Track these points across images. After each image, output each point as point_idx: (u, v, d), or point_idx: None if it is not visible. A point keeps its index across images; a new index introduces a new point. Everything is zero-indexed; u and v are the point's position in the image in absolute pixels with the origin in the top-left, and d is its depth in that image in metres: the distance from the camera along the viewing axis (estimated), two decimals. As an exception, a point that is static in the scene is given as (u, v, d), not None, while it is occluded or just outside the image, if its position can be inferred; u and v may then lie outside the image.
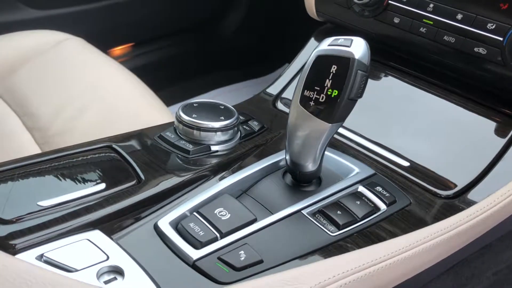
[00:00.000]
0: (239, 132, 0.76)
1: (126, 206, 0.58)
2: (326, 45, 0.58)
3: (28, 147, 1.03)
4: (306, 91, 0.59)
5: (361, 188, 0.68)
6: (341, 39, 0.57)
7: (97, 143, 0.68)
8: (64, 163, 0.63)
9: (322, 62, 0.57)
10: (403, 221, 0.65)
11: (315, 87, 0.58)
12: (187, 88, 1.83)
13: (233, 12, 1.88)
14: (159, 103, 1.08)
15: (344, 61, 0.56)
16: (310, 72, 0.59)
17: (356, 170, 0.71)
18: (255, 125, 0.79)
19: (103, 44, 1.48)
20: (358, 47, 0.57)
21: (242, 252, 0.56)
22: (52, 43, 1.23)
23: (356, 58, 0.56)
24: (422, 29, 0.79)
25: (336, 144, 0.78)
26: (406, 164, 0.74)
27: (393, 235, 0.62)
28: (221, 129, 0.71)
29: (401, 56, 0.87)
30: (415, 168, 0.73)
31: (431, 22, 0.78)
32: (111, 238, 0.54)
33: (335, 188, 0.67)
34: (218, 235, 0.57)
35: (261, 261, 0.55)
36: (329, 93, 0.57)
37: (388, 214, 0.65)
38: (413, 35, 0.80)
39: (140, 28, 1.69)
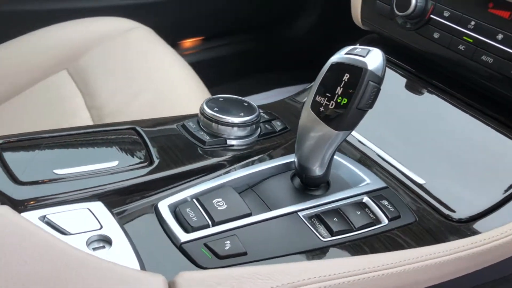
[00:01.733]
0: (259, 130, 0.78)
1: (132, 184, 0.63)
2: (343, 53, 0.59)
3: (85, 123, 1.13)
4: (317, 96, 0.60)
5: (366, 199, 0.68)
6: (359, 48, 0.58)
7: (124, 125, 0.74)
8: (89, 139, 0.70)
9: (336, 69, 0.58)
10: (402, 238, 0.63)
11: (327, 94, 0.59)
12: (249, 84, 1.88)
13: (304, 15, 1.90)
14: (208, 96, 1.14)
15: (357, 71, 0.56)
16: (324, 79, 0.60)
17: (367, 181, 0.71)
18: (277, 125, 0.81)
19: (173, 35, 1.57)
20: (373, 58, 0.57)
21: (228, 242, 0.58)
22: (122, 30, 1.33)
23: (368, 69, 0.56)
24: (461, 47, 0.76)
25: (353, 153, 0.78)
26: (421, 181, 0.72)
27: (387, 250, 0.61)
28: (239, 125, 0.74)
29: (439, 71, 0.84)
30: (430, 186, 0.71)
31: (471, 40, 0.75)
32: (111, 211, 0.58)
33: (339, 196, 0.68)
34: (210, 222, 0.60)
35: (244, 253, 0.57)
36: (338, 100, 0.58)
37: (388, 228, 0.64)
38: (451, 52, 0.77)
39: (210, 23, 1.76)
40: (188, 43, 1.80)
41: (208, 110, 0.75)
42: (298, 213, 0.64)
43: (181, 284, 0.49)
